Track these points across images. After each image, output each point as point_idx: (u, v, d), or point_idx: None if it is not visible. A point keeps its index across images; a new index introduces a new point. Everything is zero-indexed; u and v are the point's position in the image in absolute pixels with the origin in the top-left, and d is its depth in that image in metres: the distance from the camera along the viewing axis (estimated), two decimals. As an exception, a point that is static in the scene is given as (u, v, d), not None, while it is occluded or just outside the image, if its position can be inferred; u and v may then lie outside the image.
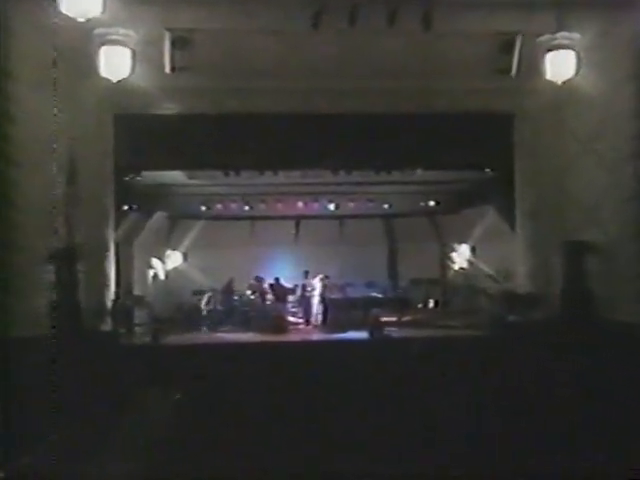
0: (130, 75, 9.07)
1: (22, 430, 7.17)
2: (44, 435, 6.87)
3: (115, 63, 8.86)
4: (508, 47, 10.06)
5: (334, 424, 7.21)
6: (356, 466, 6.18)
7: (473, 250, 15.48)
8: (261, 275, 14.40)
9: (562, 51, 9.32)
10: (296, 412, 7.63)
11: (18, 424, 7.31)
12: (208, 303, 13.21)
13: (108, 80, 9.04)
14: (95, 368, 8.17)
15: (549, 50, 9.38)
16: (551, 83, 9.49)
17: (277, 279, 14.14)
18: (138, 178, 12.14)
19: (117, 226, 11.24)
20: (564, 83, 9.45)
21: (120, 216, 11.67)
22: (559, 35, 9.38)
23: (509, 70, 10.15)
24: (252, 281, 14.21)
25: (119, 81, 9.03)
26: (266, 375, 8.81)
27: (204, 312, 12.97)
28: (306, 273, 14.06)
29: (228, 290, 13.90)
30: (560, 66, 9.30)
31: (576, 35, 9.45)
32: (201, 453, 6.56)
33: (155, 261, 15.22)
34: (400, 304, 13.80)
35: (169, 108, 10.62)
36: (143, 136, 10.58)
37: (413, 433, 6.95)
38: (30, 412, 7.25)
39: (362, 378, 8.77)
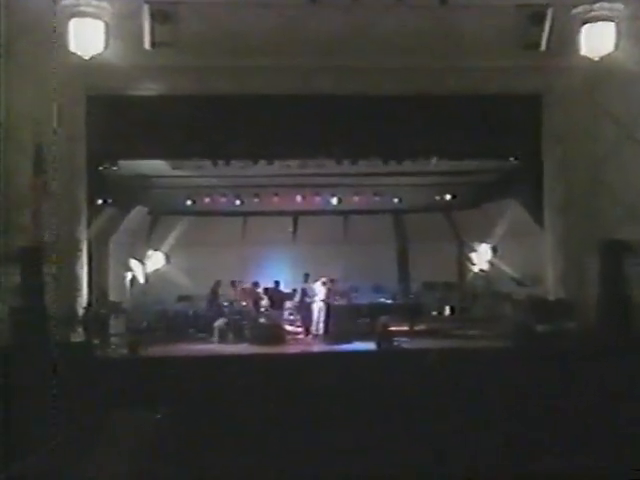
0: (104, 51, 9.02)
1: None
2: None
3: (86, 37, 8.83)
4: (537, 19, 9.95)
5: (337, 449, 7.11)
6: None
7: (495, 250, 15.40)
8: (255, 279, 14.11)
9: (600, 23, 9.28)
10: (294, 435, 7.50)
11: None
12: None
13: (79, 57, 8.98)
14: (64, 385, 7.88)
15: (585, 22, 9.34)
16: (586, 59, 9.45)
17: (277, 283, 14.09)
18: (114, 168, 12.03)
19: (90, 222, 11.14)
20: (601, 59, 9.38)
21: (94, 211, 11.59)
22: (597, 6, 9.33)
23: (538, 45, 10.03)
24: (246, 285, 14.01)
25: (91, 58, 8.96)
26: (260, 392, 8.67)
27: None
28: (306, 276, 13.96)
29: (214, 295, 13.84)
30: (597, 40, 9.28)
31: (618, 5, 9.39)
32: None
33: (134, 262, 15.16)
34: (412, 311, 13.72)
35: (149, 89, 10.59)
36: (120, 120, 10.51)
37: (427, 461, 6.87)
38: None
39: (369, 395, 8.62)
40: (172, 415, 7.95)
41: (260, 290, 14.37)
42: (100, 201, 12.39)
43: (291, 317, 14.49)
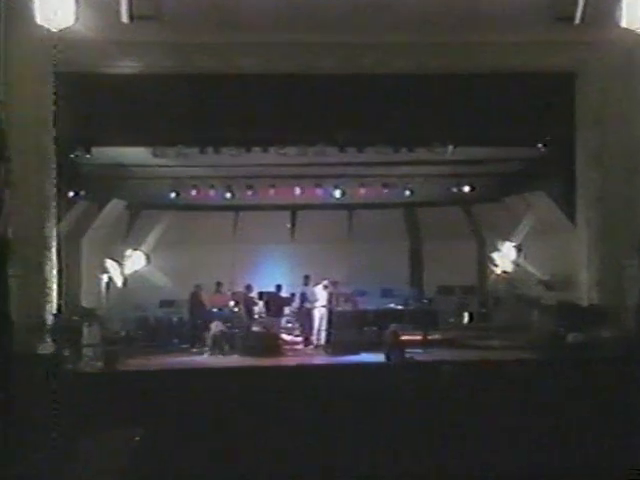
0: (75, 23, 8.85)
1: None
2: None
3: (54, 8, 8.67)
4: (571, -12, 10.16)
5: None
6: None
7: (520, 249, 15.28)
8: (248, 281, 14.16)
9: (645, -9, 9.31)
10: (291, 460, 7.44)
11: None
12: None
13: (47, 29, 8.84)
14: (30, 402, 7.84)
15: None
16: (627, 32, 9.27)
17: (278, 287, 14.13)
18: (88, 156, 11.94)
19: (60, 218, 11.06)
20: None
21: (64, 205, 11.50)
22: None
23: (571, 18, 10.06)
24: (238, 289, 14.14)
25: (61, 30, 8.82)
26: (253, 411, 8.55)
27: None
28: (306, 278, 14.00)
29: (195, 301, 13.86)
30: (641, 10, 9.33)
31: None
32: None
33: (110, 263, 14.97)
34: (425, 318, 13.73)
35: (127, 66, 10.54)
36: (94, 101, 10.46)
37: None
38: None
39: (377, 414, 8.50)
40: (151, 438, 7.91)
41: (254, 294, 14.55)
42: (71, 194, 12.33)
43: (289, 325, 14.55)
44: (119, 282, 14.88)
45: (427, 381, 9.86)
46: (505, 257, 15.53)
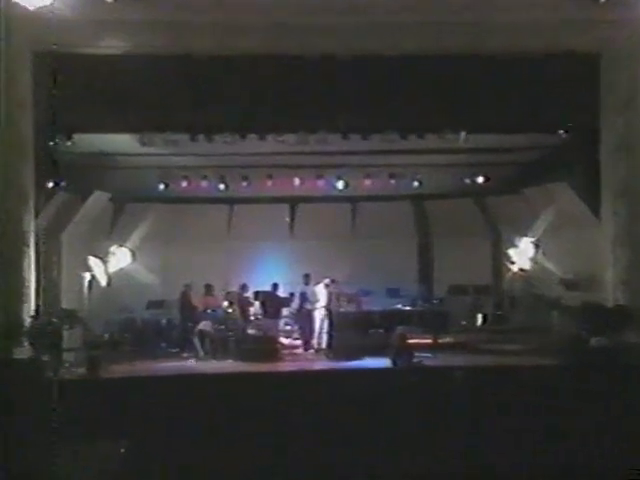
0: (54, 1, 8.97)
1: None
2: None
3: None
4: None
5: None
6: None
7: (539, 245, 15.21)
8: (243, 280, 14.18)
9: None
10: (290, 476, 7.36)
11: None
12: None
13: (23, 7, 8.95)
14: (5, 410, 7.90)
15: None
16: None
17: (275, 286, 14.10)
18: (69, 143, 11.86)
19: (39, 211, 11.09)
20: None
21: (43, 196, 11.51)
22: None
23: None
24: (233, 289, 14.13)
25: (39, 8, 8.94)
26: (248, 420, 8.57)
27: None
28: (306, 277, 13.99)
29: (185, 301, 13.90)
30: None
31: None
32: None
33: (93, 260, 14.96)
34: (435, 320, 13.78)
35: (111, 46, 10.53)
36: (75, 84, 10.35)
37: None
38: None
39: (383, 424, 8.57)
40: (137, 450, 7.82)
41: (249, 295, 14.51)
42: (51, 184, 12.22)
43: (288, 327, 14.58)
44: (103, 281, 14.88)
45: (437, 388, 9.86)
46: (522, 254, 15.48)
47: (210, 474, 7.15)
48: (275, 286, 14.15)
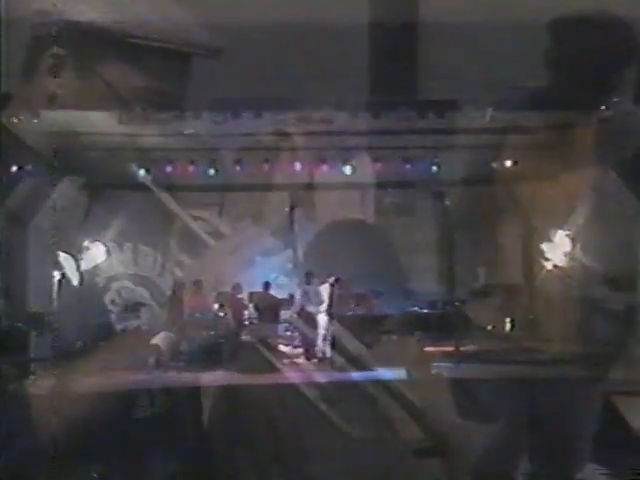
0: None
1: None
2: None
3: None
4: None
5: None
6: None
7: (577, 239, 15.66)
8: (237, 279, 14.68)
9: None
10: None
11: None
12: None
13: None
14: None
15: None
16: None
17: (267, 284, 14.06)
18: (35, 120, 12.17)
19: (1, 199, 11.35)
20: None
21: (6, 183, 11.83)
22: None
23: None
24: (224, 289, 14.45)
25: None
26: (240, 439, 8.89)
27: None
28: (308, 276, 14.10)
29: (176, 301, 14.11)
30: None
31: None
32: None
33: (63, 257, 15.22)
34: (457, 325, 14.05)
35: (91, 10, 10.81)
36: (43, 50, 10.73)
37: None
38: None
39: (394, 444, 8.84)
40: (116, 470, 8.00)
41: (244, 295, 14.59)
42: (14, 168, 12.62)
43: (287, 333, 14.85)
44: (75, 280, 15.19)
45: (459, 402, 10.05)
46: (558, 249, 15.86)
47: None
48: (267, 285, 14.19)
